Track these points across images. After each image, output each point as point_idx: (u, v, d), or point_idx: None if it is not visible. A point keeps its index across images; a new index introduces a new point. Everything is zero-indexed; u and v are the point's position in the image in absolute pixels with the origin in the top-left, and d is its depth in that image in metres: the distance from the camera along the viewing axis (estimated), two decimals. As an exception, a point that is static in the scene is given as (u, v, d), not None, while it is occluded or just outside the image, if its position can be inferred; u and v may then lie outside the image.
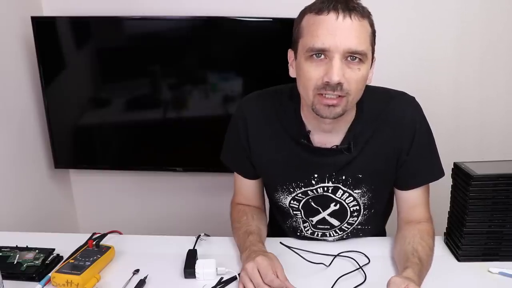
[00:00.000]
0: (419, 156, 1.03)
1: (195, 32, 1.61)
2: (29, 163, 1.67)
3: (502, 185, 0.98)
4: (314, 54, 0.88)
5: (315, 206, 1.09)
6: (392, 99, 1.03)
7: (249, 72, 1.64)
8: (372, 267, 1.02)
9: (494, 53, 1.64)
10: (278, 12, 1.52)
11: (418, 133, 1.02)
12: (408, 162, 1.03)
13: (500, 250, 1.02)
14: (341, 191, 1.06)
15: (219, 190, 1.82)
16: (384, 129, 1.01)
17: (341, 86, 0.88)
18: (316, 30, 0.87)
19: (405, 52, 1.66)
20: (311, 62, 0.89)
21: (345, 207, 1.08)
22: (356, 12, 0.87)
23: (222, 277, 0.99)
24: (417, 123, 1.02)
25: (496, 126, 1.72)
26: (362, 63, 0.89)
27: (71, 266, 0.97)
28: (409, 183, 1.06)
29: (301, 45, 0.91)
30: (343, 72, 0.87)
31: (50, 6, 1.69)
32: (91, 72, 1.68)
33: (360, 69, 0.89)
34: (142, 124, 1.73)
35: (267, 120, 1.06)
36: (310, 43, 0.88)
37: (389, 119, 1.01)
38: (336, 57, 0.86)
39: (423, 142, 1.03)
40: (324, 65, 0.88)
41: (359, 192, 1.06)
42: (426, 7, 1.61)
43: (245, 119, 1.07)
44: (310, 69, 0.90)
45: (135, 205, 1.94)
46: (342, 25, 0.86)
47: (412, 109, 1.03)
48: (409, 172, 1.05)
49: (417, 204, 1.08)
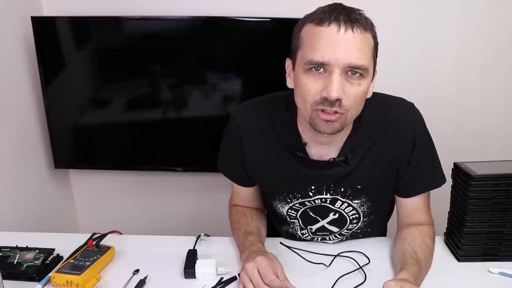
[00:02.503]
0: (420, 164, 1.01)
1: (195, 32, 1.61)
2: (29, 163, 1.67)
3: (503, 185, 0.98)
4: (313, 67, 0.85)
5: (314, 215, 1.08)
6: (391, 107, 1.00)
7: (249, 72, 1.64)
8: (372, 267, 1.02)
9: (496, 55, 1.64)
10: (278, 12, 1.52)
11: (418, 140, 0.99)
12: (409, 171, 1.01)
13: (500, 250, 1.02)
14: (339, 202, 1.04)
15: (219, 190, 1.81)
16: (384, 138, 0.99)
17: (340, 102, 0.85)
18: (316, 42, 0.84)
19: (407, 53, 1.65)
20: (309, 75, 0.86)
21: (344, 216, 1.07)
22: (359, 25, 0.83)
23: (222, 277, 0.99)
24: (417, 130, 0.99)
25: (496, 128, 1.71)
26: (363, 78, 0.86)
27: (71, 266, 0.97)
28: (410, 192, 1.05)
29: (300, 57, 0.88)
30: (343, 88, 0.84)
31: (50, 6, 1.69)
32: (91, 72, 1.68)
33: (360, 85, 0.86)
34: (142, 124, 1.73)
35: (262, 131, 1.03)
36: (309, 55, 0.85)
37: (388, 127, 0.98)
38: (336, 72, 0.83)
39: (423, 149, 1.01)
40: (323, 79, 0.85)
41: (359, 202, 1.04)
42: (428, 10, 1.61)
43: (239, 128, 1.05)
44: (308, 82, 0.86)
45: (135, 205, 1.94)
46: (343, 38, 0.82)
47: (412, 116, 1.00)
48: (410, 180, 1.03)
49: (418, 209, 1.07)
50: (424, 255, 0.97)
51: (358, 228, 1.11)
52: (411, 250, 0.97)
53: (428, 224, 1.06)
